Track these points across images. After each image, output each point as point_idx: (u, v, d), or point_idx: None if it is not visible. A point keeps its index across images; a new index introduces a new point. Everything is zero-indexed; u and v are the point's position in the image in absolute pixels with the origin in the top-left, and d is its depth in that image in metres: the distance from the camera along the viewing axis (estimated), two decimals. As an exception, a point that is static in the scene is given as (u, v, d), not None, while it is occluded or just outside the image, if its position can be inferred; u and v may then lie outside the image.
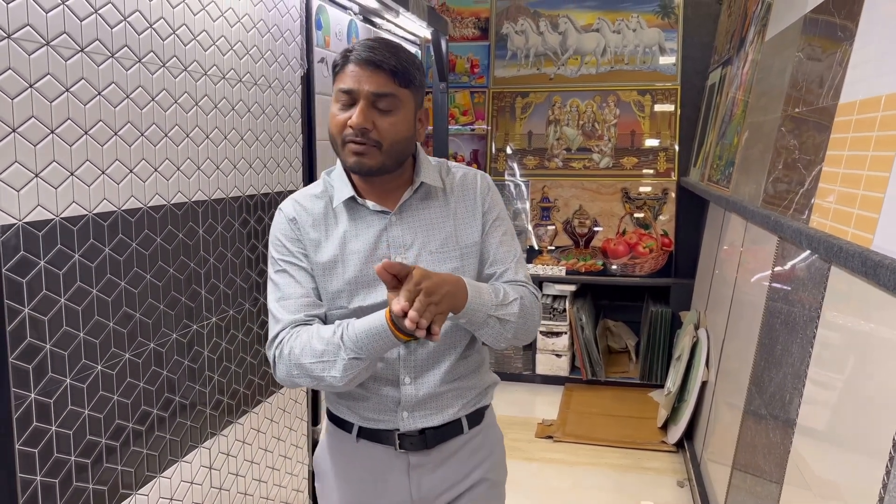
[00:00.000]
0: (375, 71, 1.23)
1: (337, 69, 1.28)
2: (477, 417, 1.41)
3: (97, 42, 1.36)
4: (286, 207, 1.35)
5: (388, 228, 1.32)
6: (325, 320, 1.35)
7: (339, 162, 1.33)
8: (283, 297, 1.31)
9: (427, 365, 1.33)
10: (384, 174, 1.29)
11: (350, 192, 1.31)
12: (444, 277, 1.19)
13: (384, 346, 1.20)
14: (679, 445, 3.42)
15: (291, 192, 2.17)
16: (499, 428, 1.52)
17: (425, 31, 3.29)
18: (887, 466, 1.09)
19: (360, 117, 1.22)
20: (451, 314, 1.22)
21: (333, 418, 1.41)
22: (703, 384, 3.14)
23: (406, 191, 1.33)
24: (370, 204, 1.31)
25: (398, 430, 1.34)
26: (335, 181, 1.35)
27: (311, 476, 2.40)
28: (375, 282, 1.29)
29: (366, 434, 1.36)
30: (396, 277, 1.16)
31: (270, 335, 1.30)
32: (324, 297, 1.34)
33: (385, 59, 1.24)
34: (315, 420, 2.41)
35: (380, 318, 1.19)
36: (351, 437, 1.37)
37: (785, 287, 1.88)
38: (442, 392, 1.34)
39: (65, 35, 1.29)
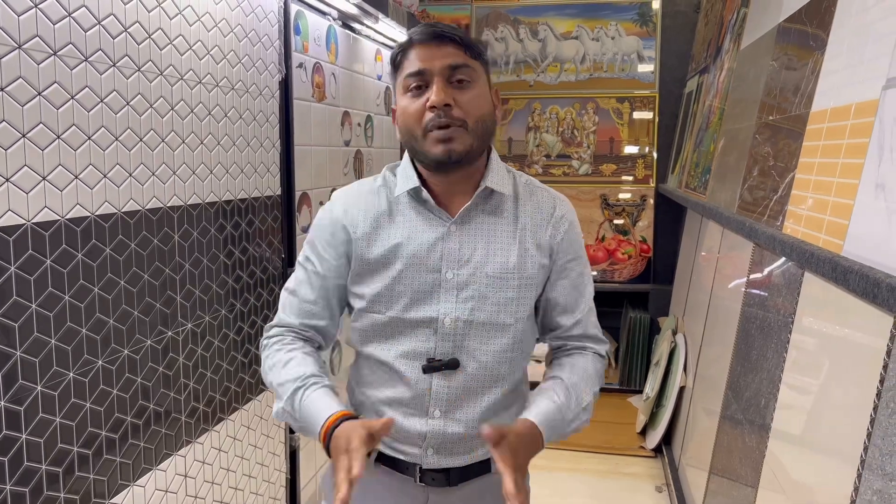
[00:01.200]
0: (444, 43, 1.12)
1: (398, 58, 1.17)
2: None
3: (70, 45, 1.35)
4: (337, 203, 1.24)
5: (445, 238, 1.18)
6: (325, 333, 1.28)
7: (404, 157, 1.23)
8: (294, 292, 1.26)
9: (463, 399, 1.20)
10: (470, 163, 1.17)
11: (415, 181, 1.18)
12: (519, 445, 1.07)
13: (313, 428, 1.13)
14: (657, 450, 3.43)
15: (269, 197, 2.16)
16: (528, 471, 1.39)
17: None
18: (858, 469, 1.10)
19: (439, 94, 1.10)
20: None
21: None
22: (681, 389, 3.16)
23: (474, 196, 1.20)
24: (431, 202, 1.18)
25: (420, 465, 1.23)
26: (398, 175, 1.23)
27: (289, 484, 2.38)
28: (419, 295, 1.18)
29: (385, 460, 1.25)
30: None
31: (273, 321, 1.29)
32: (362, 299, 1.22)
33: (450, 30, 1.13)
34: (292, 428, 2.39)
35: (320, 422, 1.11)
36: (369, 461, 1.19)
37: (760, 293, 1.90)
38: (472, 433, 1.21)
39: (37, 38, 1.27)
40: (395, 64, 1.18)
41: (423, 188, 1.19)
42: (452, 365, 1.18)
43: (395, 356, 1.20)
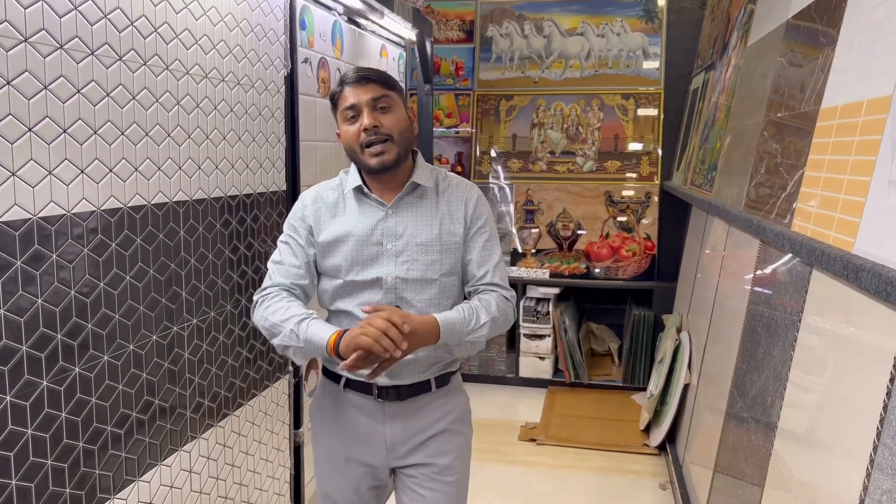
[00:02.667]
0: (367, 84, 1.54)
1: (336, 97, 1.58)
2: (444, 380, 1.66)
3: (76, 39, 1.34)
4: (307, 194, 1.66)
5: (384, 219, 1.59)
6: (307, 291, 1.63)
7: (353, 164, 1.62)
8: (280, 262, 1.62)
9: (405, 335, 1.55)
10: (399, 166, 1.57)
11: (357, 181, 1.60)
12: (418, 326, 1.45)
13: (317, 349, 1.49)
14: (661, 448, 3.43)
15: (274, 192, 2.16)
16: (465, 391, 1.76)
17: (410, 33, 3.29)
18: (867, 469, 1.10)
19: (369, 119, 1.52)
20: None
21: (327, 373, 1.69)
22: (686, 387, 3.15)
23: (404, 188, 1.60)
24: (372, 195, 1.59)
25: (377, 383, 1.59)
26: (349, 176, 1.64)
27: (293, 480, 2.38)
28: (367, 262, 1.58)
29: (351, 385, 1.63)
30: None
31: (263, 285, 1.62)
32: (324, 270, 1.62)
33: (369, 73, 1.56)
34: (297, 423, 2.39)
35: (326, 336, 1.47)
36: (339, 387, 1.64)
37: (766, 290, 1.89)
38: (414, 359, 1.57)
39: (43, 31, 1.26)
40: (334, 101, 1.60)
41: (364, 185, 1.60)
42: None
43: (353, 306, 1.59)
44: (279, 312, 1.53)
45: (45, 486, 1.31)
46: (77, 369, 1.38)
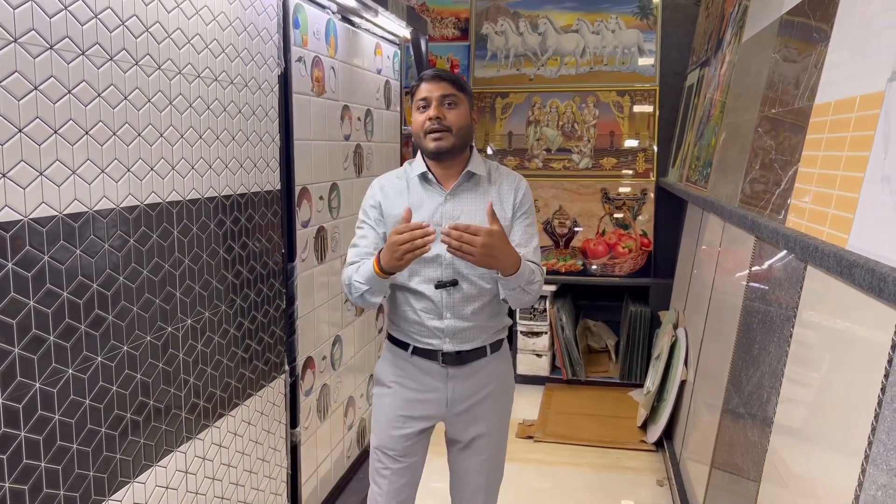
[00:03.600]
0: (441, 81, 1.80)
1: (413, 89, 1.84)
2: (496, 346, 1.93)
3: (67, 39, 1.33)
4: (376, 182, 1.91)
5: (443, 203, 1.83)
6: None
7: (418, 155, 1.86)
8: (356, 245, 1.86)
9: (461, 305, 1.83)
10: (454, 155, 1.82)
11: (422, 168, 1.84)
12: (509, 249, 1.66)
13: (374, 279, 1.71)
14: (658, 445, 3.43)
15: (269, 192, 2.16)
16: (510, 354, 2.03)
17: (404, 31, 3.28)
18: (863, 464, 1.10)
19: (435, 111, 1.78)
20: (496, 273, 1.71)
21: (394, 340, 1.93)
22: (682, 383, 3.16)
23: (460, 177, 1.85)
24: (434, 181, 1.83)
25: (442, 350, 1.85)
26: (413, 166, 1.88)
27: (290, 479, 2.37)
28: None
29: (418, 352, 1.88)
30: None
31: (343, 271, 1.85)
32: None
33: (445, 74, 1.82)
34: (294, 423, 2.38)
35: (371, 264, 1.72)
36: (407, 354, 1.89)
37: (762, 286, 1.89)
38: (471, 326, 1.84)
39: (33, 32, 1.26)
40: (412, 92, 1.85)
41: (429, 172, 1.84)
42: (454, 283, 1.80)
43: (417, 282, 1.82)
44: (347, 274, 1.81)
45: (38, 489, 1.31)
46: (70, 371, 1.38)
